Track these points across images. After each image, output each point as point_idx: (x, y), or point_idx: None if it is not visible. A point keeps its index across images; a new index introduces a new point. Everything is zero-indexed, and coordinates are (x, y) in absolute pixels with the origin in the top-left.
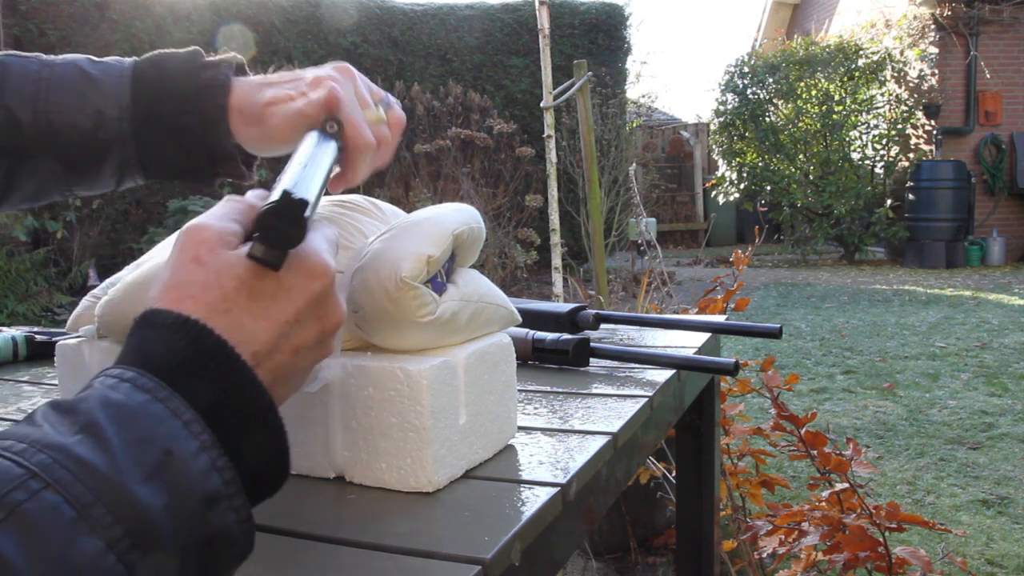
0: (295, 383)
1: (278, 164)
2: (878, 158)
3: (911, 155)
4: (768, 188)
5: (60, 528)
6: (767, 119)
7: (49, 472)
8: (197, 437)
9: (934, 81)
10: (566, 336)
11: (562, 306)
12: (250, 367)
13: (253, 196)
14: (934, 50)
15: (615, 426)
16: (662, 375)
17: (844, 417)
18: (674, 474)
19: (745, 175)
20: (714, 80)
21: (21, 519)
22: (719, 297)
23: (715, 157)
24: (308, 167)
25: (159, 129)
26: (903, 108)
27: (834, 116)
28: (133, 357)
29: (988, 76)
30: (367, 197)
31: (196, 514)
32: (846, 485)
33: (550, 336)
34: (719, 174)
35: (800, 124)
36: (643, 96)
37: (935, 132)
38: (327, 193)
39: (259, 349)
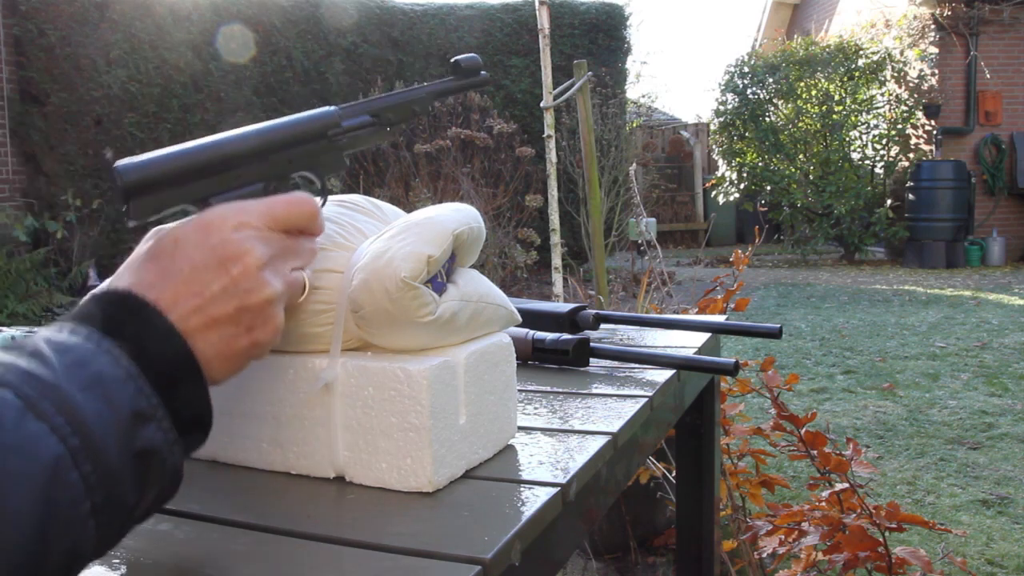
0: (223, 336)
1: None
2: (878, 158)
3: (911, 155)
4: (768, 188)
5: (10, 414)
6: (767, 119)
7: (0, 378)
8: (124, 367)
9: (934, 81)
10: (566, 336)
11: (562, 306)
12: (162, 313)
13: None
14: (934, 50)
15: (615, 426)
16: (662, 375)
17: (844, 417)
18: (674, 474)
19: (745, 175)
20: (714, 80)
21: None
22: (719, 297)
23: (715, 157)
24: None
25: None
26: (903, 108)
27: (834, 116)
28: (70, 317)
29: (988, 76)
30: (367, 197)
31: (126, 425)
32: (846, 485)
33: (550, 336)
34: (719, 174)
35: (800, 124)
36: (643, 96)
37: (935, 132)
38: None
39: (163, 304)
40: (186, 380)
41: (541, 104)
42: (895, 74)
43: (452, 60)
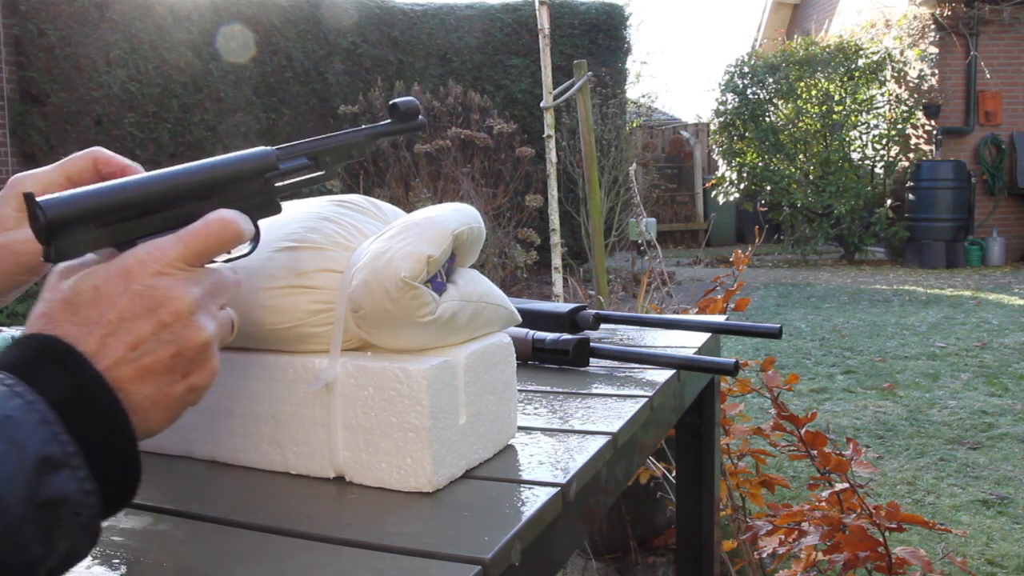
0: (158, 384)
1: None
2: (878, 158)
3: (911, 155)
4: (768, 188)
5: None
6: (767, 119)
7: None
8: (38, 412)
9: (934, 81)
10: (566, 336)
11: (562, 306)
12: (87, 360)
13: None
14: (934, 50)
15: (615, 426)
16: (662, 375)
17: (844, 417)
18: (674, 474)
19: (745, 175)
20: (714, 80)
21: None
22: (719, 297)
23: (715, 157)
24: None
25: None
26: (903, 108)
27: (834, 116)
28: None
29: (988, 76)
30: (367, 197)
31: (32, 470)
32: (846, 485)
33: (550, 336)
34: (719, 174)
35: (800, 124)
36: (643, 96)
37: (935, 132)
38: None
39: (89, 353)
40: (112, 432)
41: (541, 104)
42: (895, 74)
43: (391, 103)
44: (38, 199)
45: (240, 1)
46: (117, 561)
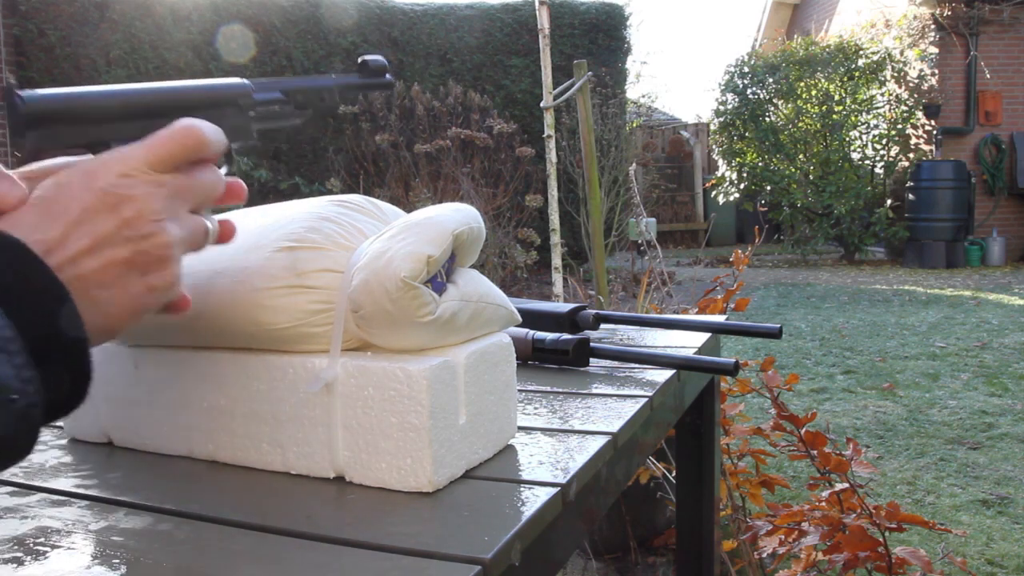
0: (117, 281)
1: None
2: (878, 158)
3: (911, 155)
4: (768, 188)
5: None
6: (767, 119)
7: None
8: None
9: (934, 81)
10: (566, 336)
11: (562, 306)
12: (35, 253)
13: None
14: (934, 50)
15: (615, 426)
16: (662, 375)
17: (844, 417)
18: (674, 474)
19: (745, 175)
20: (714, 80)
21: None
22: (719, 297)
23: (715, 157)
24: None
25: None
26: (903, 108)
27: (834, 116)
28: None
29: (988, 76)
30: (367, 197)
31: None
32: (846, 485)
33: (550, 336)
34: (719, 174)
35: (800, 124)
36: (643, 96)
37: (935, 132)
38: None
39: (50, 243)
40: (56, 320)
41: (541, 104)
42: (895, 74)
43: (360, 59)
44: (18, 90)
45: (240, 1)
46: (117, 561)
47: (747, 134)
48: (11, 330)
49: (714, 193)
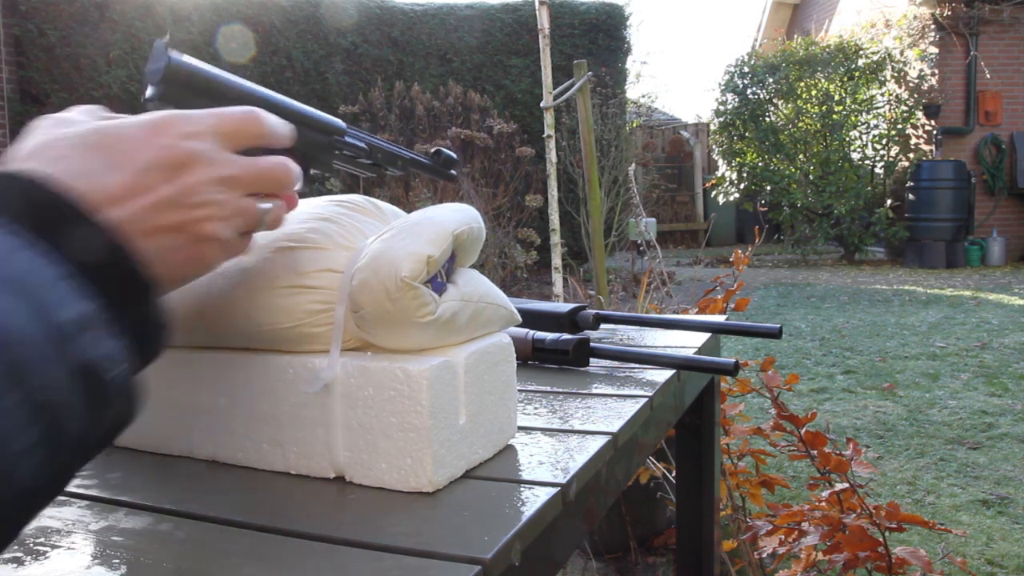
0: (170, 244)
1: None
2: (878, 158)
3: (911, 155)
4: (768, 188)
5: None
6: (767, 119)
7: None
8: (54, 266)
9: (934, 81)
10: (566, 336)
11: (562, 306)
12: (95, 206)
13: None
14: (934, 50)
15: (615, 426)
16: (662, 375)
17: (844, 417)
18: (674, 474)
19: (745, 175)
20: (714, 80)
21: None
22: (719, 297)
23: (715, 157)
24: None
25: None
26: (903, 108)
27: (834, 116)
28: None
29: (988, 76)
30: (367, 197)
31: (62, 335)
32: (846, 485)
33: (550, 336)
34: (719, 174)
35: (800, 124)
36: (643, 96)
37: (935, 132)
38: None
39: (113, 195)
40: (136, 284)
41: (541, 104)
42: (895, 74)
43: (433, 151)
44: (171, 52)
45: (240, 1)
46: (117, 561)
47: (747, 134)
48: (101, 299)
49: (714, 193)
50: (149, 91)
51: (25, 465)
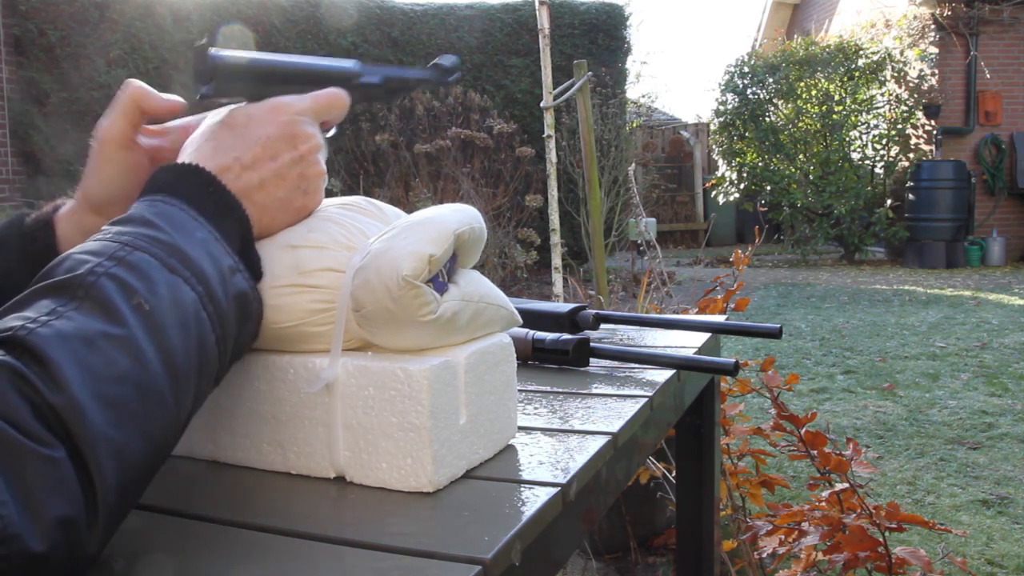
0: (287, 195)
1: None
2: (878, 158)
3: (911, 155)
4: (768, 188)
5: (154, 272)
6: (767, 119)
7: (133, 244)
8: (211, 232)
9: (934, 81)
10: (566, 336)
11: (562, 306)
12: (226, 188)
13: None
14: (934, 50)
15: (615, 426)
16: (662, 375)
17: (844, 417)
18: (674, 474)
19: (745, 175)
20: (714, 80)
21: (125, 263)
22: (719, 297)
23: (715, 157)
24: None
25: None
26: (903, 108)
27: (834, 116)
28: (155, 188)
29: (988, 76)
30: (367, 198)
31: (225, 275)
32: (846, 485)
33: (550, 336)
34: (719, 174)
35: (800, 124)
36: (643, 96)
37: (935, 132)
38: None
39: (231, 163)
40: (247, 242)
41: (541, 104)
42: (895, 74)
43: (432, 64)
44: (211, 51)
45: (240, 1)
46: (117, 561)
47: (747, 134)
48: (236, 255)
49: (714, 193)
50: (204, 88)
51: (213, 357)
